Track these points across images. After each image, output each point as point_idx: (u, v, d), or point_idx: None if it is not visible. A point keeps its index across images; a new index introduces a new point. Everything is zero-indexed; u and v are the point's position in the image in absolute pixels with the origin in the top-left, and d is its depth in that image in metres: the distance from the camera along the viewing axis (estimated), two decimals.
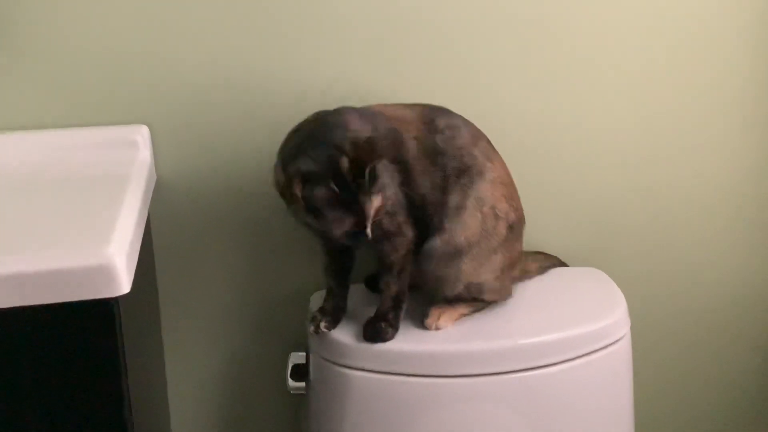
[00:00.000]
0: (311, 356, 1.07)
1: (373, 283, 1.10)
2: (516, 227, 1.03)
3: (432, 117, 1.01)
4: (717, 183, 1.21)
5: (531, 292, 1.11)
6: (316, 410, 1.07)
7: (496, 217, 1.00)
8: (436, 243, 0.99)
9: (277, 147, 1.03)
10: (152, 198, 1.06)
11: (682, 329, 1.27)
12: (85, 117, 1.06)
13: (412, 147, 0.98)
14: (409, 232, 0.99)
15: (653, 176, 1.19)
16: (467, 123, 1.02)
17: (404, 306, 1.02)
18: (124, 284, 0.75)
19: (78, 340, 0.77)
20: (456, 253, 0.99)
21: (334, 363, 1.02)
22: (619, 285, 1.12)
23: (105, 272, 0.74)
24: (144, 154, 1.04)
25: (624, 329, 1.07)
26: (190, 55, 1.06)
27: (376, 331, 1.00)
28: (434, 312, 1.04)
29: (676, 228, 1.22)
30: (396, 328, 1.01)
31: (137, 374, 0.87)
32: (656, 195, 1.20)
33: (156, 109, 1.07)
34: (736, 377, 1.31)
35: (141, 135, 1.05)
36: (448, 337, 1.01)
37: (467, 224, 0.99)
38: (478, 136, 1.02)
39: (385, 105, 1.02)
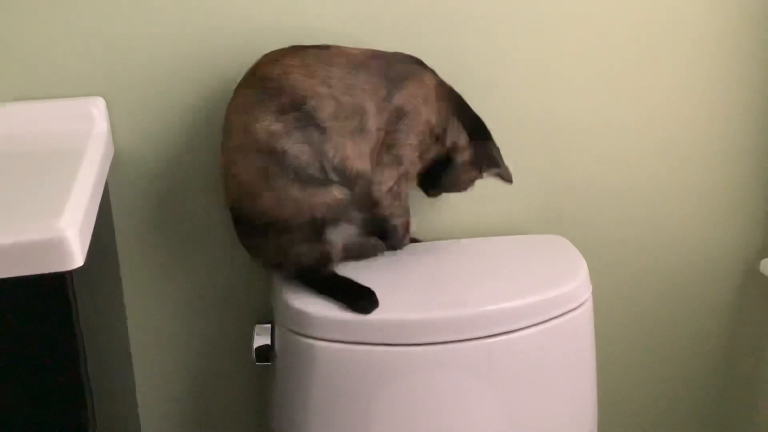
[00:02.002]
0: (276, 328, 1.07)
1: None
2: None
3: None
4: (678, 149, 1.22)
5: (494, 260, 1.12)
6: (281, 381, 1.07)
7: None
8: None
9: None
10: (111, 171, 1.04)
11: (643, 294, 1.29)
12: (38, 90, 1.04)
13: None
14: None
15: (616, 144, 1.20)
16: None
17: None
18: (77, 257, 0.74)
19: (32, 316, 0.76)
20: None
21: (299, 334, 1.02)
22: (581, 251, 1.13)
23: (57, 246, 0.72)
24: (100, 126, 1.03)
25: (585, 294, 1.08)
26: (147, 24, 1.04)
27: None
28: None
29: (638, 195, 1.23)
30: None
31: (96, 349, 0.87)
32: (619, 163, 1.21)
33: (112, 81, 1.05)
34: (696, 341, 1.33)
35: (97, 107, 1.03)
36: (413, 305, 1.02)
37: None
38: None
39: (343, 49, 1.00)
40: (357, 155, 0.98)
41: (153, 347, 1.18)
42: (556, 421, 1.09)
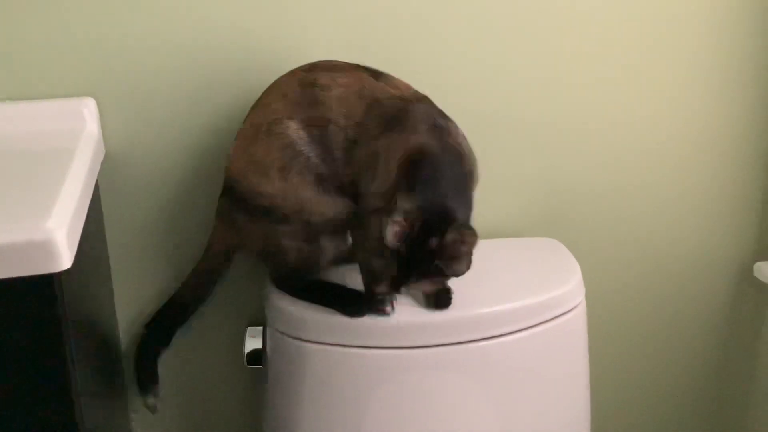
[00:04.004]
0: (268, 330, 1.06)
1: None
2: None
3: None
4: (673, 152, 1.21)
5: (487, 262, 1.11)
6: (273, 384, 1.06)
7: None
8: None
9: (229, 117, 1.01)
10: (102, 172, 1.04)
11: (637, 297, 1.28)
12: (29, 90, 1.03)
13: None
14: None
15: (610, 147, 1.19)
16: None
17: None
18: (65, 259, 0.73)
19: (19, 318, 0.76)
20: None
21: (291, 336, 1.01)
22: (575, 254, 1.13)
23: (44, 247, 0.72)
24: (91, 127, 1.02)
25: (579, 298, 1.08)
26: (139, 25, 1.03)
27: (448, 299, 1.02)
28: None
29: (632, 198, 1.23)
30: None
31: (85, 352, 0.86)
32: (613, 166, 1.20)
33: (103, 82, 1.04)
34: (690, 344, 1.33)
35: (87, 108, 1.03)
36: (406, 308, 1.01)
37: None
38: None
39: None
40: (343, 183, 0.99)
41: None
42: (550, 424, 1.09)
